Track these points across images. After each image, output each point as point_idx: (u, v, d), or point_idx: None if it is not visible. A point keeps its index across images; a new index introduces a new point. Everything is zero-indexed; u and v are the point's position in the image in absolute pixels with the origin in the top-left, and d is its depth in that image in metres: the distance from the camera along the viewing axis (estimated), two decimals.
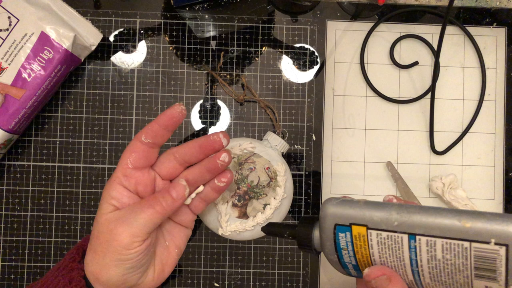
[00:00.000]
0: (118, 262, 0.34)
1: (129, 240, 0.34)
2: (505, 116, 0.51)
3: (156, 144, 0.37)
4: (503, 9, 0.52)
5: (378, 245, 0.28)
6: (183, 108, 0.37)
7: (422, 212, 0.27)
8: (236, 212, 0.43)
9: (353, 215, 0.29)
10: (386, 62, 0.51)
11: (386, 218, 0.28)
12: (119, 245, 0.34)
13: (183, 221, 0.40)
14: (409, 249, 0.27)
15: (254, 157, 0.44)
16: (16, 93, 0.44)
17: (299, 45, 0.51)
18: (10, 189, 0.49)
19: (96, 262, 0.35)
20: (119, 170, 0.37)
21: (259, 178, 0.44)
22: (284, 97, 0.51)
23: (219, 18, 0.51)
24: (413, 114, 0.51)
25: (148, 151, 0.37)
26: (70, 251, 0.38)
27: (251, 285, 0.50)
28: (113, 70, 0.50)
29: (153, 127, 0.37)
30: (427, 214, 0.27)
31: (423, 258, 0.27)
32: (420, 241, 0.27)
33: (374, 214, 0.28)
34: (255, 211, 0.43)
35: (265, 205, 0.43)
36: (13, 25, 0.44)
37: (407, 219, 0.27)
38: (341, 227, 0.29)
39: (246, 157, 0.43)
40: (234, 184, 0.43)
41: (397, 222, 0.27)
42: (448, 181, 0.49)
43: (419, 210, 0.27)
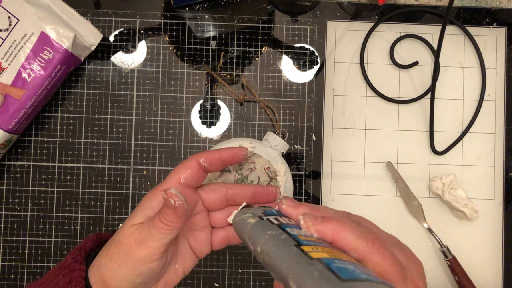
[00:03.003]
0: (132, 275, 0.34)
1: (145, 255, 0.34)
2: (505, 116, 0.51)
3: (208, 171, 0.38)
4: (503, 9, 0.52)
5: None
6: (247, 153, 0.39)
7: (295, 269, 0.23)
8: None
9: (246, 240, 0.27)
10: (386, 62, 0.51)
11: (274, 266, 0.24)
12: (137, 258, 0.34)
13: (199, 250, 0.40)
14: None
15: (254, 157, 0.44)
16: (16, 93, 0.44)
17: (299, 45, 0.51)
18: (10, 189, 0.49)
19: (109, 270, 0.35)
20: (169, 182, 0.37)
21: (259, 178, 0.44)
22: (284, 97, 0.51)
23: (219, 18, 0.51)
24: (413, 114, 0.51)
25: (201, 173, 0.38)
26: (73, 251, 0.38)
27: (251, 285, 0.50)
28: (113, 70, 0.50)
29: (214, 156, 0.38)
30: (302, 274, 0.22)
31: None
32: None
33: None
34: None
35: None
36: (13, 25, 0.44)
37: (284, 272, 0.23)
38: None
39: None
40: (234, 183, 0.43)
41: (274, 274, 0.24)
42: (448, 181, 0.49)
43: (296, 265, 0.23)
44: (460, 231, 0.51)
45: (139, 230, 0.35)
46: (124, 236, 0.35)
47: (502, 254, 0.51)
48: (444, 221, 0.51)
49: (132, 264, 0.34)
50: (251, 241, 0.27)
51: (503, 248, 0.51)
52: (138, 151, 0.50)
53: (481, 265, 0.50)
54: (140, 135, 0.50)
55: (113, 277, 0.35)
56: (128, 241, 0.35)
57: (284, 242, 0.25)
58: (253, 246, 0.27)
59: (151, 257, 0.34)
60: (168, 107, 0.50)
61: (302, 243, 0.25)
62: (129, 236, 0.35)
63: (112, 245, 0.36)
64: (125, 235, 0.35)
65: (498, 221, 0.51)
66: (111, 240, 0.36)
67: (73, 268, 0.36)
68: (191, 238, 0.40)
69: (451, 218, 0.51)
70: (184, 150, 0.50)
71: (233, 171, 0.43)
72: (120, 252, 0.35)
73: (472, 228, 0.51)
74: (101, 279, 0.35)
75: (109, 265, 0.35)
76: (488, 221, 0.51)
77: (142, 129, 0.50)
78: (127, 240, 0.35)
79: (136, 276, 0.34)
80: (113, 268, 0.35)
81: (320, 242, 0.26)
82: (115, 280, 0.35)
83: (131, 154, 0.50)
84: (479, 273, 0.50)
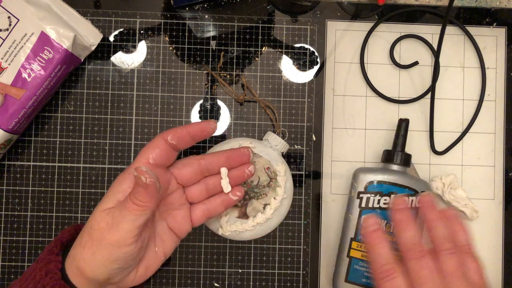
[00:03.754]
0: (107, 261, 0.33)
1: (119, 239, 0.33)
2: (505, 116, 0.51)
3: (178, 148, 0.37)
4: (503, 9, 0.52)
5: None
6: (216, 126, 0.38)
7: None
8: (236, 212, 0.43)
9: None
10: (386, 62, 0.51)
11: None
12: (110, 243, 0.33)
13: (179, 229, 0.39)
14: None
15: (254, 157, 0.43)
16: (16, 93, 0.44)
17: (299, 45, 0.51)
18: (10, 189, 0.49)
19: (83, 258, 0.34)
20: (138, 163, 0.36)
21: (259, 178, 0.43)
22: (284, 97, 0.51)
23: (219, 18, 0.51)
24: (413, 114, 0.51)
25: (170, 151, 0.37)
26: (49, 244, 0.37)
27: (251, 285, 0.50)
28: (113, 70, 0.50)
29: (181, 132, 0.37)
30: None
31: None
32: None
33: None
34: (255, 211, 0.43)
35: (265, 205, 0.43)
36: (13, 25, 0.44)
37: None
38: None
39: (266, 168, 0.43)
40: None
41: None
42: (448, 181, 0.49)
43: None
44: None
45: (110, 215, 0.34)
46: (96, 222, 0.34)
47: (502, 254, 0.51)
48: None
49: (106, 250, 0.33)
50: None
51: (503, 248, 0.51)
52: (138, 151, 0.50)
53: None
54: (140, 135, 0.50)
55: (89, 265, 0.34)
56: (100, 226, 0.34)
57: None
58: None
59: (125, 240, 0.33)
60: (168, 107, 0.50)
61: (357, 238, 0.43)
62: (101, 222, 0.34)
63: (84, 233, 0.35)
64: (96, 221, 0.34)
65: (498, 221, 0.51)
66: (83, 228, 0.35)
67: (49, 260, 0.35)
68: (169, 218, 0.39)
69: None
70: (184, 150, 0.50)
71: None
72: (93, 239, 0.34)
73: (472, 228, 0.51)
74: (77, 269, 0.34)
75: (84, 253, 0.34)
76: (488, 221, 0.51)
77: (142, 129, 0.50)
78: (98, 226, 0.34)
79: (111, 262, 0.33)
80: (87, 256, 0.34)
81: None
82: (90, 268, 0.34)
83: (131, 154, 0.50)
84: None
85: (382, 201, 0.45)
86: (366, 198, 0.46)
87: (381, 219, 0.45)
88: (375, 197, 0.45)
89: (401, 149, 0.47)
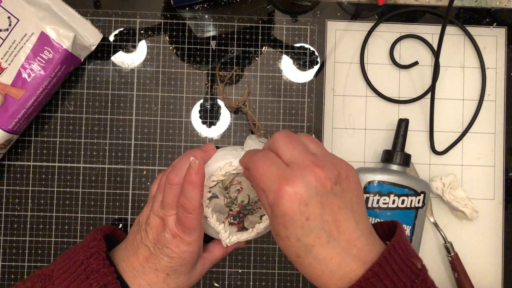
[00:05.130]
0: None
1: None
2: (505, 116, 0.51)
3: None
4: (503, 9, 0.52)
5: None
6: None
7: None
8: (234, 228, 0.42)
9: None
10: (386, 62, 0.51)
11: None
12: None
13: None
14: None
15: (238, 177, 0.40)
16: (16, 93, 0.44)
17: (299, 45, 0.51)
18: (10, 189, 0.49)
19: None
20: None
21: (248, 196, 0.41)
22: (284, 97, 0.51)
23: (219, 18, 0.51)
24: (413, 114, 0.51)
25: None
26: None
27: (251, 285, 0.50)
28: (113, 70, 0.50)
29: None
30: None
31: None
32: None
33: None
34: (252, 223, 0.42)
35: (262, 216, 0.42)
36: (13, 25, 0.44)
37: None
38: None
39: (230, 179, 0.40)
40: (225, 207, 0.41)
41: None
42: (448, 181, 0.49)
43: None
44: (460, 231, 0.51)
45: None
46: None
47: (502, 254, 0.51)
48: (444, 221, 0.51)
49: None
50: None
51: (503, 248, 0.51)
52: (138, 151, 0.50)
53: (480, 265, 0.50)
54: (140, 135, 0.50)
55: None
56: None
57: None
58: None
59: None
60: (168, 107, 0.50)
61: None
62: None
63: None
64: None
65: (498, 221, 0.51)
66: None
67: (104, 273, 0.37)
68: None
69: (451, 218, 0.51)
70: (184, 150, 0.50)
71: (220, 195, 0.41)
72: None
73: (472, 228, 0.51)
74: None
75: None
76: (488, 221, 0.51)
77: (142, 129, 0.50)
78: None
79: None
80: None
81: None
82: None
83: (131, 154, 0.50)
84: (479, 273, 0.50)
85: (381, 201, 0.45)
86: (365, 198, 0.46)
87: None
88: (374, 197, 0.45)
89: (401, 149, 0.47)
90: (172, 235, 0.37)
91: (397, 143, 0.48)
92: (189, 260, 0.38)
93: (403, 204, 0.45)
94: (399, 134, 0.48)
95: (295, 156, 0.33)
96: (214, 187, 0.40)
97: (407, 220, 0.46)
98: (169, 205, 0.37)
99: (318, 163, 0.32)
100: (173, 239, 0.37)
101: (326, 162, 0.32)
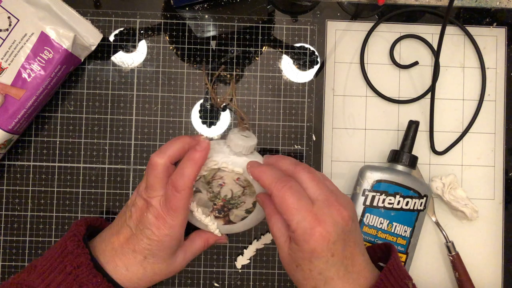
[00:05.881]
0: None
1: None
2: (505, 116, 0.51)
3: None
4: (503, 9, 0.52)
5: None
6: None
7: None
8: (221, 221, 0.43)
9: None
10: (386, 62, 0.51)
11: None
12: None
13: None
14: None
15: (219, 172, 0.40)
16: (16, 93, 0.44)
17: (299, 45, 0.51)
18: (10, 189, 0.49)
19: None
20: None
21: (231, 191, 0.41)
22: (284, 97, 0.51)
23: (219, 18, 0.51)
24: (413, 114, 0.51)
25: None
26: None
27: (251, 285, 0.50)
28: (113, 70, 0.50)
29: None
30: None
31: None
32: None
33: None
34: (238, 217, 0.43)
35: (247, 210, 0.42)
36: (13, 25, 0.44)
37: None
38: None
39: (212, 174, 0.40)
40: (209, 202, 0.41)
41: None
42: (448, 181, 0.49)
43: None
44: (460, 231, 0.51)
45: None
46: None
47: (502, 254, 0.51)
48: (444, 221, 0.51)
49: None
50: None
51: (503, 248, 0.51)
52: (138, 151, 0.50)
53: (481, 265, 0.50)
54: (140, 135, 0.50)
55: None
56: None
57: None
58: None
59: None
60: (168, 107, 0.50)
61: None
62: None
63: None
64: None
65: (498, 221, 0.51)
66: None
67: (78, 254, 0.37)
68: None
69: (451, 218, 0.51)
70: None
71: (203, 190, 0.41)
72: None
73: (472, 228, 0.51)
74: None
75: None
76: (488, 221, 0.51)
77: (142, 129, 0.50)
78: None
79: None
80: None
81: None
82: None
83: (131, 154, 0.50)
84: (479, 273, 0.50)
85: (387, 200, 0.45)
86: (371, 196, 0.46)
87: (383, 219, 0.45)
88: (380, 196, 0.45)
89: (409, 151, 0.48)
90: (155, 216, 0.37)
91: (406, 145, 0.48)
92: (169, 245, 0.38)
93: (406, 206, 0.46)
94: (409, 135, 0.48)
95: (319, 193, 0.35)
96: (197, 182, 0.40)
97: (408, 222, 0.46)
98: (151, 187, 0.37)
99: (341, 201, 0.35)
100: (155, 220, 0.37)
101: (345, 200, 0.36)
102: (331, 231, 0.33)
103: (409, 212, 0.46)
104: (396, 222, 0.46)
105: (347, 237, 0.34)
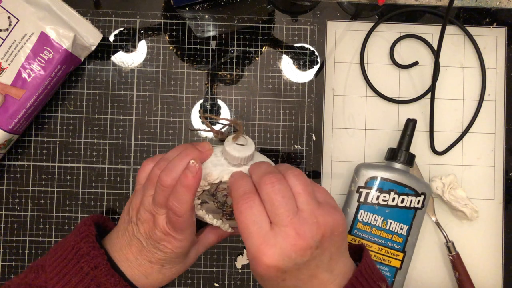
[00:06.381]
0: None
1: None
2: (505, 116, 0.51)
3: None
4: (503, 9, 0.52)
5: None
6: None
7: None
8: (233, 222, 0.42)
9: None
10: (386, 62, 0.51)
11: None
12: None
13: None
14: None
15: (222, 185, 0.38)
16: (16, 93, 0.44)
17: (299, 45, 0.51)
18: (10, 189, 0.49)
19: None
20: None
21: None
22: (284, 97, 0.51)
23: (219, 18, 0.51)
24: (413, 114, 0.51)
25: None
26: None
27: (251, 285, 0.50)
28: (113, 70, 0.50)
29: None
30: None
31: None
32: None
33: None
34: None
35: None
36: (13, 25, 0.44)
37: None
38: None
39: (215, 187, 0.39)
40: (217, 209, 0.41)
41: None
42: (448, 181, 0.49)
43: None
44: (460, 231, 0.51)
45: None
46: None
47: (502, 254, 0.51)
48: (444, 221, 0.51)
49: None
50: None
51: (503, 248, 0.51)
52: (138, 151, 0.50)
53: (480, 265, 0.50)
54: (140, 135, 0.50)
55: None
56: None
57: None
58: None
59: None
60: (168, 107, 0.50)
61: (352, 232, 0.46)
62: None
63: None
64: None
65: (498, 221, 0.51)
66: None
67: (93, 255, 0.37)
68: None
69: (451, 218, 0.51)
70: None
71: (210, 201, 0.40)
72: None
73: (472, 228, 0.51)
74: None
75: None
76: (488, 221, 0.51)
77: (142, 129, 0.50)
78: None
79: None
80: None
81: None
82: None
83: (131, 154, 0.50)
84: (479, 273, 0.50)
85: (381, 197, 0.45)
86: (365, 193, 0.46)
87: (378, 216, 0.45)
88: (374, 192, 0.45)
89: (406, 149, 0.47)
90: (163, 233, 0.37)
91: (403, 142, 0.48)
92: (183, 252, 0.39)
93: (402, 203, 0.45)
94: (406, 133, 0.48)
95: (280, 215, 0.32)
96: (202, 194, 0.39)
97: (405, 220, 0.46)
98: (160, 204, 0.37)
99: (301, 230, 0.31)
100: (164, 236, 0.37)
101: (310, 226, 0.32)
102: (278, 264, 0.31)
103: (406, 210, 0.46)
104: (392, 220, 0.46)
105: (304, 265, 0.32)
